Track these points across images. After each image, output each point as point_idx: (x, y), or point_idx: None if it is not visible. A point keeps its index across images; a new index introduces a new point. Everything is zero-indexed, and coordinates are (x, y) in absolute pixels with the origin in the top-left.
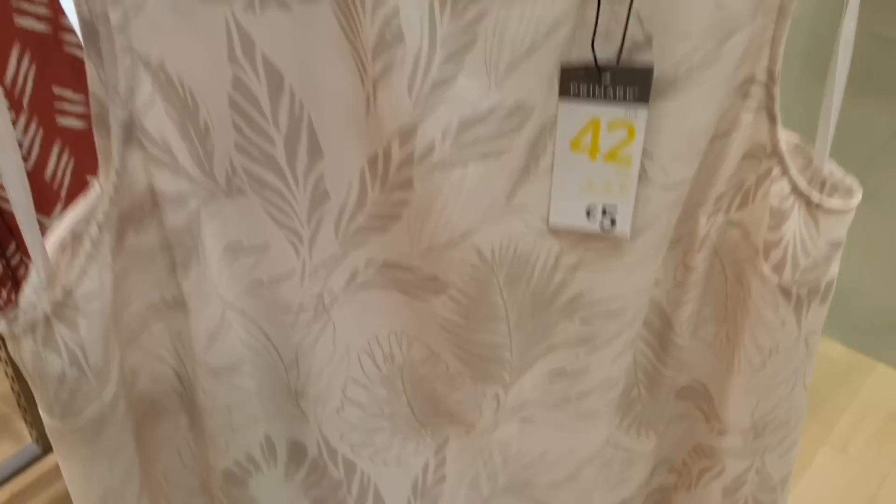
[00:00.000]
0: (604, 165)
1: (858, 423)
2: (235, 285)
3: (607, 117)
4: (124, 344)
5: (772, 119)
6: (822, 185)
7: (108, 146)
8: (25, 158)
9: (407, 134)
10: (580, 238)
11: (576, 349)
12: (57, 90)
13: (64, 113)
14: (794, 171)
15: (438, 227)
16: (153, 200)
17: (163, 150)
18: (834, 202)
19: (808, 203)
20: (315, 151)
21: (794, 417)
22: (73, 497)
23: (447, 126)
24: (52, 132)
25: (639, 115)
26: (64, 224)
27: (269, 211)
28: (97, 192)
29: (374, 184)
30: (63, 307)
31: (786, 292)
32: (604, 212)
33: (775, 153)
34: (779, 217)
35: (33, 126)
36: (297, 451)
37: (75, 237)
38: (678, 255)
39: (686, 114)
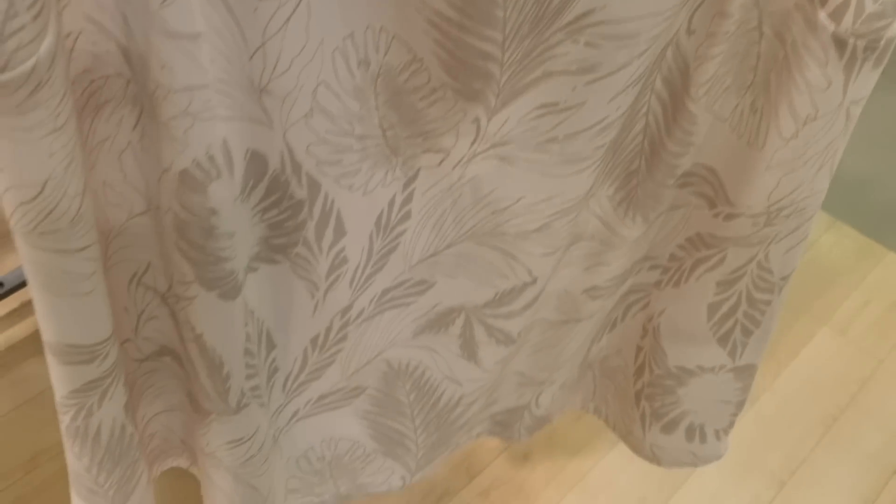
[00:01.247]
0: None
1: (862, 309)
2: None
3: None
4: None
5: None
6: None
7: None
8: None
9: None
10: None
11: (575, 78)
12: None
13: None
14: None
15: None
16: None
17: None
18: None
19: None
20: None
21: (810, 206)
22: (5, 186)
23: None
24: None
25: None
26: None
27: None
28: None
29: None
30: None
31: (840, 44)
32: None
33: None
34: None
35: None
36: (256, 165)
37: None
38: (719, 1)
39: None
